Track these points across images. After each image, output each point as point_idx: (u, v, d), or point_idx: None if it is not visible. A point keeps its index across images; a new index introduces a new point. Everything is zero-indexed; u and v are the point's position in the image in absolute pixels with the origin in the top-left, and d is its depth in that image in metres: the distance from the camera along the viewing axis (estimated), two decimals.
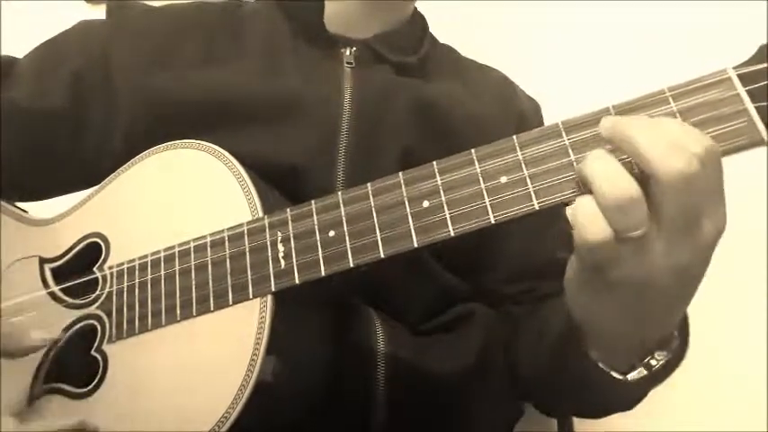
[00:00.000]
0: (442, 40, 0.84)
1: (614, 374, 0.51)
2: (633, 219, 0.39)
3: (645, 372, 0.50)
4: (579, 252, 0.43)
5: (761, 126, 0.40)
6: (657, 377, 0.51)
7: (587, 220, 0.40)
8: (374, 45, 0.72)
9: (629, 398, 0.59)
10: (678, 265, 0.41)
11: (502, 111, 0.76)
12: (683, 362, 0.53)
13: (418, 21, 0.80)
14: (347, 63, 0.71)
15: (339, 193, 0.52)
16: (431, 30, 0.82)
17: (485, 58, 0.85)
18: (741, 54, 0.43)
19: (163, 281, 0.57)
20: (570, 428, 0.85)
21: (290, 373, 0.53)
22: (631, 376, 0.51)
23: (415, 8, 0.80)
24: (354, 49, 0.71)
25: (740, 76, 0.42)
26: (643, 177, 0.39)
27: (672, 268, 0.41)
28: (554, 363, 0.59)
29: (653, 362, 0.50)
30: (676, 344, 0.51)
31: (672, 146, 0.38)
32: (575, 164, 0.44)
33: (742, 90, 0.41)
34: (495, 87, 0.80)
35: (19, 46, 0.75)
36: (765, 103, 0.40)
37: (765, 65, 0.41)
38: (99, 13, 0.74)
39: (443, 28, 0.84)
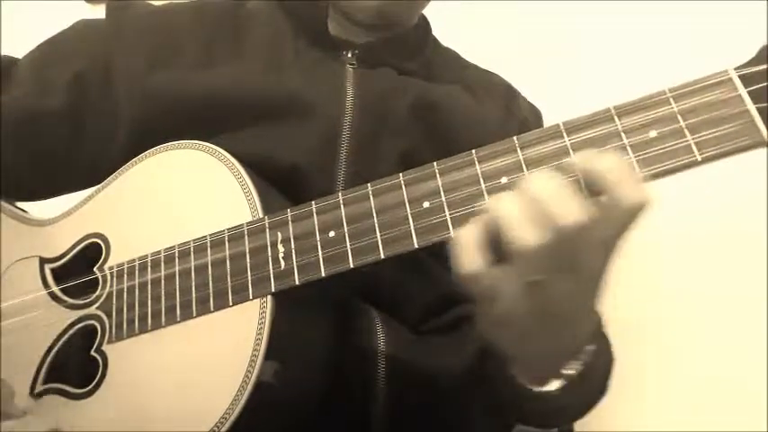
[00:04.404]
0: (444, 43, 0.84)
1: (532, 388, 0.52)
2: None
3: (563, 382, 0.51)
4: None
5: (762, 127, 0.40)
6: (583, 385, 0.52)
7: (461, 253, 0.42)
8: (376, 48, 0.72)
9: (566, 409, 0.59)
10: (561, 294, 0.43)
11: (504, 117, 0.75)
12: (614, 365, 0.54)
13: (421, 24, 0.79)
14: (349, 64, 0.70)
15: (339, 193, 0.52)
16: (434, 32, 0.81)
17: (486, 58, 0.84)
18: (742, 55, 0.43)
19: (163, 281, 0.56)
20: (570, 428, 0.85)
21: (290, 373, 0.53)
22: (547, 388, 0.51)
23: None
24: (357, 51, 0.71)
25: (741, 77, 0.41)
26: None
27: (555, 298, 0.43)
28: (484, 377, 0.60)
29: (565, 371, 0.51)
30: (591, 351, 0.51)
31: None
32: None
33: (743, 91, 0.41)
34: (498, 93, 0.79)
35: (19, 46, 0.75)
36: (766, 104, 0.40)
37: (766, 66, 0.41)
38: (99, 12, 0.74)
39: (446, 30, 0.84)
